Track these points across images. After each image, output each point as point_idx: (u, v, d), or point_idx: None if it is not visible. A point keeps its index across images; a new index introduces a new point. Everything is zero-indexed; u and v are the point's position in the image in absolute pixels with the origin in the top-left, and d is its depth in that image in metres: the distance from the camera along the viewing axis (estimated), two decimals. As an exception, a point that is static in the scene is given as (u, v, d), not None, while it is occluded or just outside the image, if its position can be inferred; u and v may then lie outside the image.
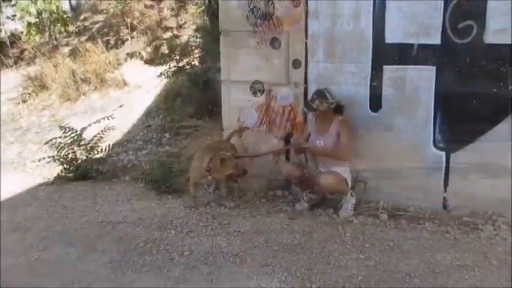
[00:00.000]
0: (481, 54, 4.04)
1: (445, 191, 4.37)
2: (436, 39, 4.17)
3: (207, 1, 8.14)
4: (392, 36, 4.32)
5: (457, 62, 4.13)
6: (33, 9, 9.31)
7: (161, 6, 9.69)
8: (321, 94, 4.32)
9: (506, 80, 3.99)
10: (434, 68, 4.23)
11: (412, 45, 4.26)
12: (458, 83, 4.15)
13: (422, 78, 4.27)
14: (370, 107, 4.50)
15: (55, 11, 9.44)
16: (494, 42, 3.99)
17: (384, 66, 4.40)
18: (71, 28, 9.71)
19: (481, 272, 3.37)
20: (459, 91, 4.16)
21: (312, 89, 4.69)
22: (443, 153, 4.32)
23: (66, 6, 10.05)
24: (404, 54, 4.30)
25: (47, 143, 6.15)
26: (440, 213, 4.35)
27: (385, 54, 4.37)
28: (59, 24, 9.61)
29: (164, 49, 8.48)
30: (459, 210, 4.32)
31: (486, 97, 4.08)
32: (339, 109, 4.41)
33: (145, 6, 9.65)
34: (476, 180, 4.23)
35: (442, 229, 4.03)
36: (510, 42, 3.93)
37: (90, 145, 6.08)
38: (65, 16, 9.66)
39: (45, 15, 9.43)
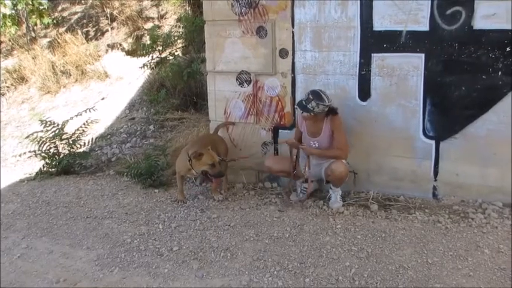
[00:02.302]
0: (469, 40, 3.99)
1: (435, 180, 4.35)
2: (424, 26, 4.11)
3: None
4: (380, 23, 4.25)
5: (446, 49, 4.08)
6: (8, 1, 9.07)
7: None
8: (317, 95, 4.11)
9: (496, 66, 3.95)
10: (423, 55, 4.17)
11: (400, 32, 4.20)
12: (448, 70, 4.11)
13: (411, 66, 4.22)
14: (358, 96, 4.44)
15: (30, 2, 9.20)
16: (483, 27, 3.94)
17: (372, 54, 4.33)
18: (47, 20, 9.47)
19: (474, 261, 3.35)
20: (448, 78, 4.12)
21: (299, 79, 4.63)
22: (432, 142, 4.29)
23: (44, -3, 9.81)
24: (392, 41, 4.24)
25: (27, 137, 5.99)
26: (430, 202, 4.33)
27: (374, 42, 4.30)
28: (34, 16, 9.37)
29: (146, 40, 8.33)
30: (449, 199, 4.31)
31: (475, 84, 4.05)
32: (331, 110, 4.22)
33: (125, -4, 9.47)
34: (466, 168, 4.22)
35: (433, 218, 4.01)
36: (499, 28, 3.89)
37: (72, 139, 5.94)
38: (40, 7, 9.41)
39: (20, 6, 9.18)
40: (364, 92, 4.42)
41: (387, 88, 4.34)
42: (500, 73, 3.95)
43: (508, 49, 3.89)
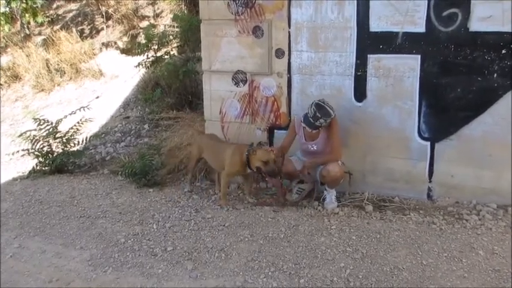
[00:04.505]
0: (465, 42, 4.00)
1: (430, 181, 4.36)
2: (420, 28, 4.12)
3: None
4: (376, 24, 4.25)
5: (442, 51, 4.09)
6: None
7: (137, -6, 9.47)
8: (324, 111, 4.10)
9: (492, 68, 3.96)
10: (419, 56, 4.18)
11: (396, 33, 4.20)
12: (443, 71, 4.12)
13: (407, 67, 4.22)
14: (354, 97, 4.44)
15: (24, 1, 9.14)
16: (479, 29, 3.95)
17: (369, 55, 4.34)
18: (40, 19, 9.40)
19: (469, 262, 3.36)
20: (444, 80, 4.13)
21: (295, 79, 4.62)
22: (428, 143, 4.30)
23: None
24: (388, 42, 4.24)
25: (21, 135, 5.93)
26: (425, 203, 4.34)
27: (370, 43, 4.30)
28: (28, 15, 9.31)
29: (141, 39, 8.29)
30: (444, 200, 4.32)
31: (471, 86, 4.05)
32: None
33: (121, -6, 9.42)
34: (460, 170, 4.22)
35: (427, 219, 4.02)
36: (495, 30, 3.91)
37: (66, 137, 5.89)
38: (34, 6, 9.35)
39: (14, 4, 9.12)
40: (360, 93, 4.42)
41: (383, 89, 4.34)
42: (495, 75, 3.97)
43: (503, 51, 3.91)
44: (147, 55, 7.11)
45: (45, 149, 5.84)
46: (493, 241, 3.65)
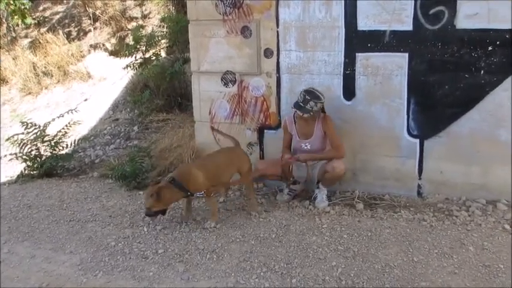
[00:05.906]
0: (452, 39, 4.02)
1: (420, 178, 4.38)
2: (408, 26, 4.14)
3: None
4: (364, 23, 4.26)
5: (429, 48, 4.11)
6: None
7: (124, -5, 9.41)
8: (313, 94, 4.14)
9: (479, 65, 3.98)
10: (406, 54, 4.20)
11: (384, 32, 4.22)
12: (431, 69, 4.14)
13: (395, 65, 4.24)
14: (343, 96, 4.45)
15: (12, 2, 9.04)
16: (466, 27, 3.98)
17: (357, 54, 4.35)
18: (29, 20, 9.31)
19: (459, 259, 3.38)
20: (432, 77, 4.15)
21: (284, 79, 4.63)
22: (417, 141, 4.32)
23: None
24: (376, 41, 4.25)
25: (8, 139, 5.88)
26: (415, 200, 4.36)
27: (358, 41, 4.31)
28: (16, 16, 9.21)
29: (129, 40, 8.24)
30: (434, 197, 4.35)
31: (458, 83, 4.08)
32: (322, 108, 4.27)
33: (108, -4, 9.35)
34: (450, 166, 4.25)
35: (418, 217, 4.03)
36: (481, 27, 3.93)
37: (54, 141, 5.85)
38: (23, 7, 9.25)
39: (2, 6, 9.02)
40: (349, 92, 4.43)
41: (372, 87, 4.35)
42: (482, 72, 4.00)
43: (490, 48, 3.94)
44: (136, 57, 7.08)
45: (33, 152, 5.79)
46: (483, 237, 3.67)
